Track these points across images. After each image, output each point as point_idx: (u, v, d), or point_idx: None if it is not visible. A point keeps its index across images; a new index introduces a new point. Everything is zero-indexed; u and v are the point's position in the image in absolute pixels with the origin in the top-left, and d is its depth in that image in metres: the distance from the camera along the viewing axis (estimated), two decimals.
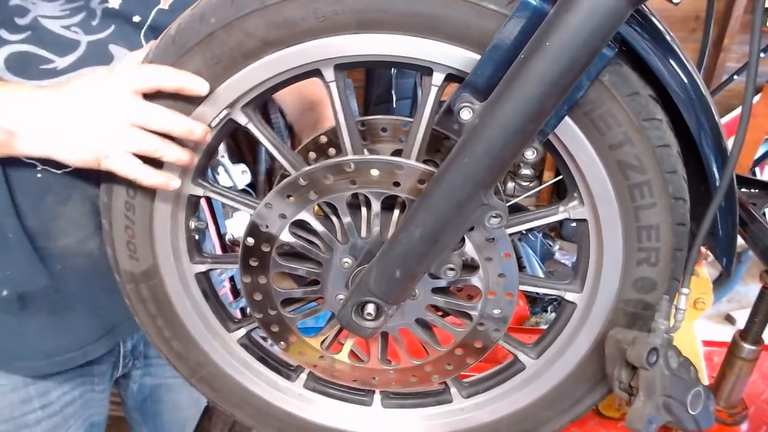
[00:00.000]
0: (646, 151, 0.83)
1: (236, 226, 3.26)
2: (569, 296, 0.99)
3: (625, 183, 0.85)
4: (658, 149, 0.83)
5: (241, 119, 0.93)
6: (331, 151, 1.10)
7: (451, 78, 0.84)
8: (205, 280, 1.10)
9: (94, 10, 0.81)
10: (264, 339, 1.13)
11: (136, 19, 0.88)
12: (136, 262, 1.04)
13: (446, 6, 0.78)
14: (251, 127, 0.94)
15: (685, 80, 0.79)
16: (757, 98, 2.48)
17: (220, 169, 3.82)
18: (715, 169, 0.84)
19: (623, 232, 0.89)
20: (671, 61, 0.79)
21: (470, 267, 0.94)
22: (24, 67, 0.80)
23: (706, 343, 1.54)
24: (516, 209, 1.02)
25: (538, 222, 0.96)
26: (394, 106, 3.89)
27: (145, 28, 0.92)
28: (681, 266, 0.91)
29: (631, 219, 0.87)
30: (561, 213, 0.93)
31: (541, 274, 3.25)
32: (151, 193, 0.97)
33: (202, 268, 1.08)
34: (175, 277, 1.05)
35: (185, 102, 0.89)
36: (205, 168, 1.01)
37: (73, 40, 0.81)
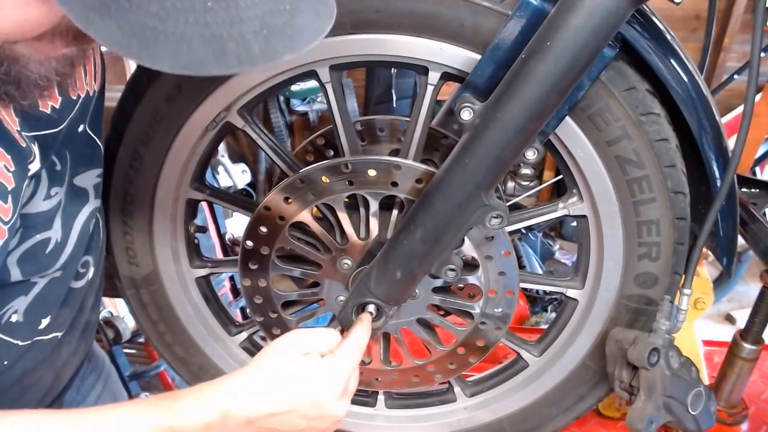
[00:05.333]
0: (644, 146, 0.82)
1: (236, 226, 3.25)
2: (571, 293, 0.99)
3: (623, 178, 0.85)
4: (657, 143, 0.82)
5: (238, 122, 0.93)
6: (330, 152, 1.10)
7: (447, 77, 0.84)
8: (205, 284, 1.10)
9: (48, 151, 0.73)
10: (265, 342, 1.13)
11: (81, 127, 0.80)
12: (135, 268, 1.04)
13: (440, 4, 0.77)
14: (248, 130, 0.94)
15: (686, 79, 0.79)
16: (758, 98, 2.48)
17: (220, 169, 3.82)
18: (715, 169, 0.84)
19: (623, 227, 0.88)
20: (672, 61, 0.79)
21: (471, 266, 0.93)
22: (35, 262, 0.75)
23: (707, 343, 1.54)
24: (515, 208, 1.02)
25: (538, 219, 0.96)
26: (394, 105, 3.89)
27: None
28: (682, 261, 0.90)
29: (630, 214, 0.87)
30: (561, 210, 0.93)
31: (541, 273, 3.25)
32: (149, 198, 0.97)
33: (203, 272, 1.08)
34: (175, 282, 1.05)
35: (183, 106, 0.89)
36: (203, 171, 1.01)
37: (53, 206, 0.75)
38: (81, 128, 0.80)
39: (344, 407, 0.77)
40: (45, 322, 0.80)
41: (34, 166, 0.68)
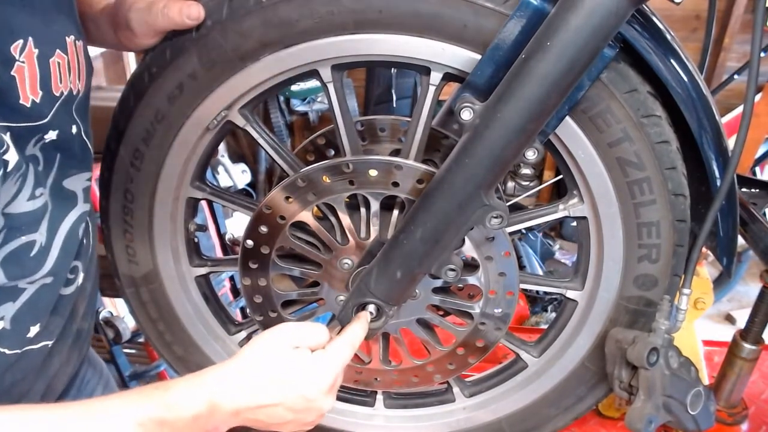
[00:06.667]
0: (645, 148, 0.82)
1: (236, 226, 3.26)
2: (570, 294, 0.99)
3: (624, 180, 0.85)
4: (658, 146, 0.82)
5: (239, 121, 0.93)
6: (330, 152, 1.10)
7: (449, 77, 0.84)
8: (205, 283, 1.10)
9: (34, 155, 0.73)
10: None
11: (74, 129, 0.79)
12: (135, 266, 1.04)
13: (442, 5, 0.77)
14: (249, 129, 0.94)
15: (686, 80, 0.79)
16: (758, 97, 2.48)
17: (220, 169, 3.82)
18: (715, 169, 0.84)
19: (623, 229, 0.89)
20: (672, 61, 0.79)
21: (471, 266, 0.93)
22: (19, 265, 0.73)
23: (707, 343, 1.54)
24: (515, 208, 1.02)
25: (538, 220, 0.96)
26: (394, 105, 3.89)
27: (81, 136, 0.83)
28: (682, 263, 0.91)
29: (631, 216, 0.87)
30: (561, 211, 0.93)
31: (541, 273, 3.25)
32: (149, 196, 0.97)
33: (202, 271, 1.08)
34: (175, 281, 1.05)
35: (184, 105, 0.89)
36: (203, 170, 1.01)
37: (38, 208, 0.74)
38: (75, 130, 0.79)
39: (331, 402, 0.78)
40: (34, 330, 0.79)
41: (11, 158, 0.66)
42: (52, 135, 0.74)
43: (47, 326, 0.82)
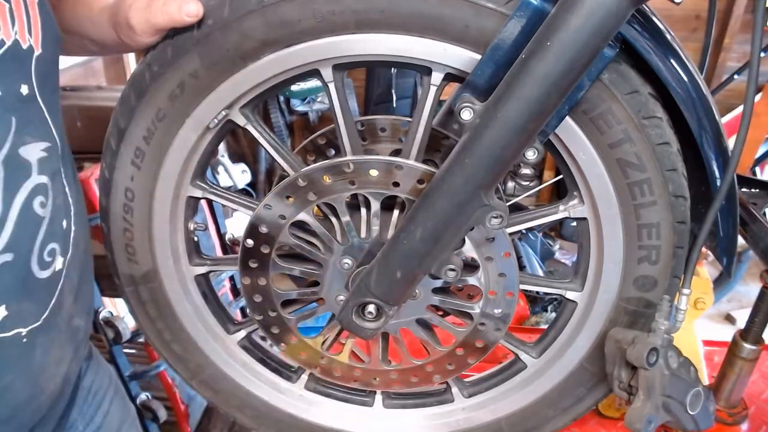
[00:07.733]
0: (646, 149, 0.83)
1: (236, 226, 3.25)
2: (570, 295, 0.99)
3: (625, 181, 0.85)
4: (658, 147, 0.83)
5: (240, 120, 0.93)
6: (331, 151, 1.10)
7: (450, 78, 0.84)
8: (204, 282, 1.10)
9: None
10: (264, 340, 1.13)
11: (25, 90, 0.73)
12: (135, 265, 1.04)
13: (444, 5, 0.77)
14: (250, 128, 0.94)
15: (686, 80, 0.79)
16: (758, 97, 2.48)
17: (220, 169, 3.83)
18: (715, 169, 0.84)
19: (623, 230, 0.89)
20: (672, 61, 0.79)
21: (471, 267, 0.93)
22: None
23: (707, 343, 1.54)
24: (516, 208, 1.02)
25: (539, 221, 0.96)
26: (395, 105, 3.89)
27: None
28: (682, 264, 0.91)
29: (631, 217, 0.87)
30: (561, 212, 0.93)
31: (541, 273, 3.25)
32: (149, 195, 0.97)
33: (202, 270, 1.08)
34: (174, 280, 1.05)
35: (185, 104, 0.89)
36: (204, 170, 1.01)
37: None
38: (26, 91, 0.73)
39: None
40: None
41: None
42: None
43: (19, 311, 0.77)
